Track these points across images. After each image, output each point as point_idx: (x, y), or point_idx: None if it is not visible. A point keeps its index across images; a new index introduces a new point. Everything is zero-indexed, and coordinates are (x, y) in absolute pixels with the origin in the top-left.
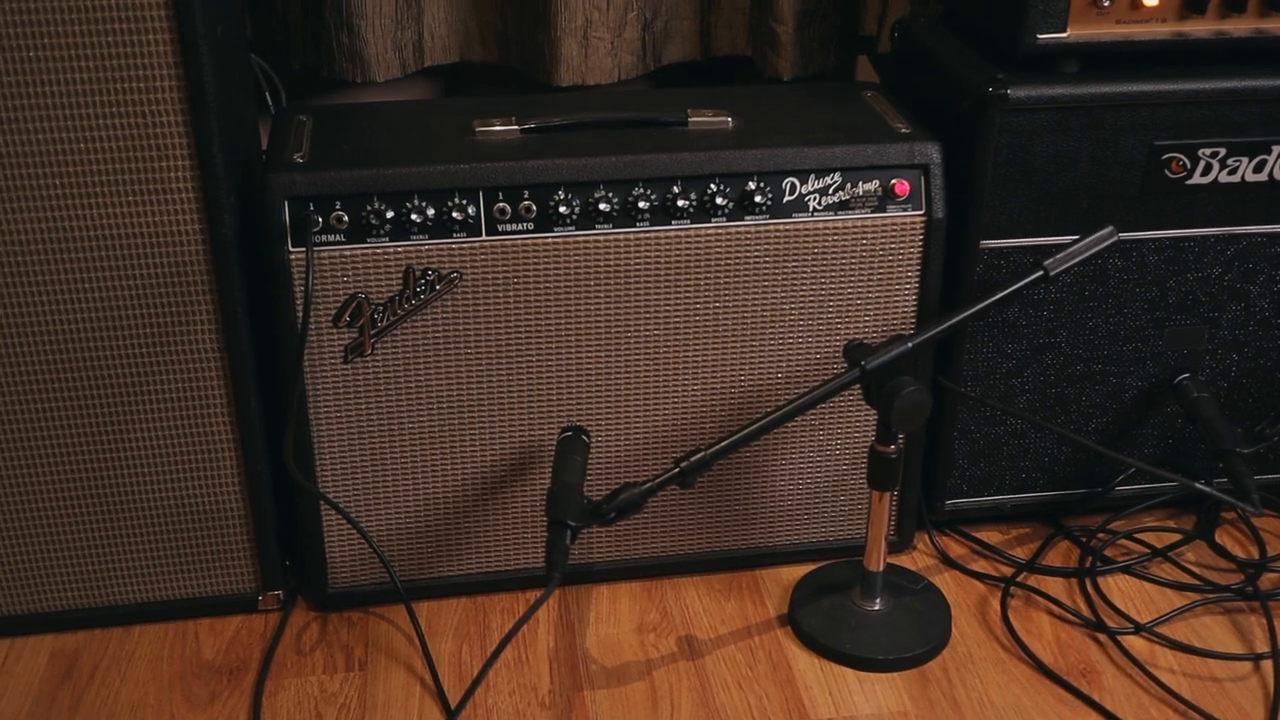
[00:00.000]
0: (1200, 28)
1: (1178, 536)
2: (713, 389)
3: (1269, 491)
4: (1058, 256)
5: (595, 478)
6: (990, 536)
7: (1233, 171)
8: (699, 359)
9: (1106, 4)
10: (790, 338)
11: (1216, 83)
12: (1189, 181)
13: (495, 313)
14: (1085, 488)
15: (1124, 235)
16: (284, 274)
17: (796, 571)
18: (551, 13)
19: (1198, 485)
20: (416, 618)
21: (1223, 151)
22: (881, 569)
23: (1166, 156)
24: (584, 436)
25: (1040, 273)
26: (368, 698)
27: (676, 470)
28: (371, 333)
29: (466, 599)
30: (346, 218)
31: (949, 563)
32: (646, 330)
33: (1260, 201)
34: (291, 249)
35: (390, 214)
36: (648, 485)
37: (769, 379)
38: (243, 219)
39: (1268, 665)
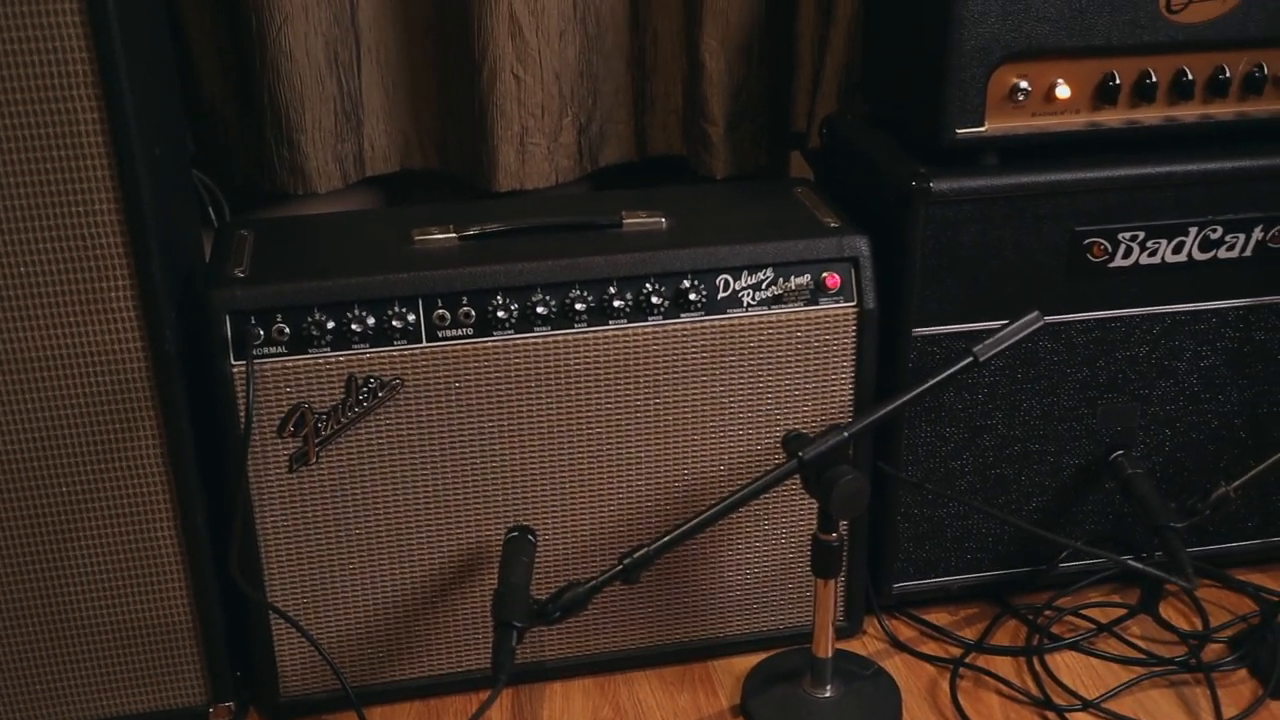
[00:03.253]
0: (1112, 117)
1: (1122, 611)
2: (656, 484)
3: (1207, 562)
4: (987, 342)
5: (543, 576)
6: (939, 618)
7: (1152, 253)
8: (641, 455)
9: (1022, 98)
10: (730, 431)
11: (1131, 169)
12: (1111, 264)
13: (438, 417)
14: (1030, 566)
15: (1051, 318)
16: (227, 387)
17: (748, 661)
18: (489, 121)
19: (1130, 562)
20: None
21: (1142, 235)
22: (830, 655)
23: (1088, 241)
24: (530, 536)
25: (970, 359)
26: None
27: (620, 567)
28: (316, 441)
29: (419, 702)
30: (288, 329)
31: (898, 646)
32: (588, 429)
33: (1181, 281)
34: (234, 362)
35: (331, 324)
36: (592, 583)
37: (711, 472)
38: (185, 333)
39: None
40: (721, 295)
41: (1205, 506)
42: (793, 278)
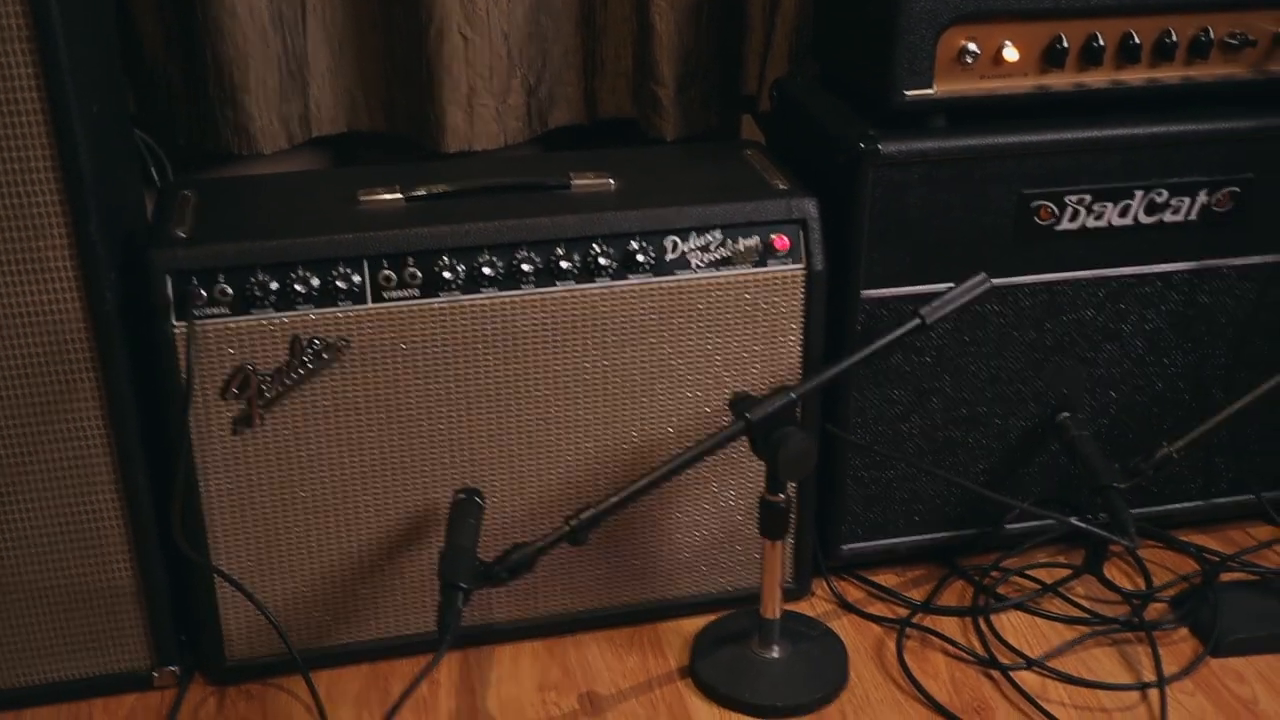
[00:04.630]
0: (1060, 80)
1: (1067, 572)
2: (604, 446)
3: (1150, 524)
4: (933, 304)
5: (491, 538)
6: (887, 579)
7: (1099, 216)
8: (589, 417)
9: (970, 60)
10: (678, 392)
11: (1078, 132)
12: (1058, 228)
13: (384, 379)
14: (977, 528)
15: (998, 281)
16: (168, 348)
17: (697, 623)
18: (435, 82)
19: (1074, 521)
20: (315, 687)
21: (1088, 198)
22: (778, 617)
23: (1035, 204)
24: (477, 499)
25: (917, 321)
26: None
27: (567, 529)
28: (259, 404)
29: (367, 666)
30: (230, 290)
31: (846, 607)
32: (535, 390)
33: (1127, 244)
34: (175, 323)
35: (275, 285)
36: (539, 545)
37: (659, 434)
38: (126, 294)
39: (1154, 694)
40: (670, 257)
41: (1148, 467)
42: (741, 240)
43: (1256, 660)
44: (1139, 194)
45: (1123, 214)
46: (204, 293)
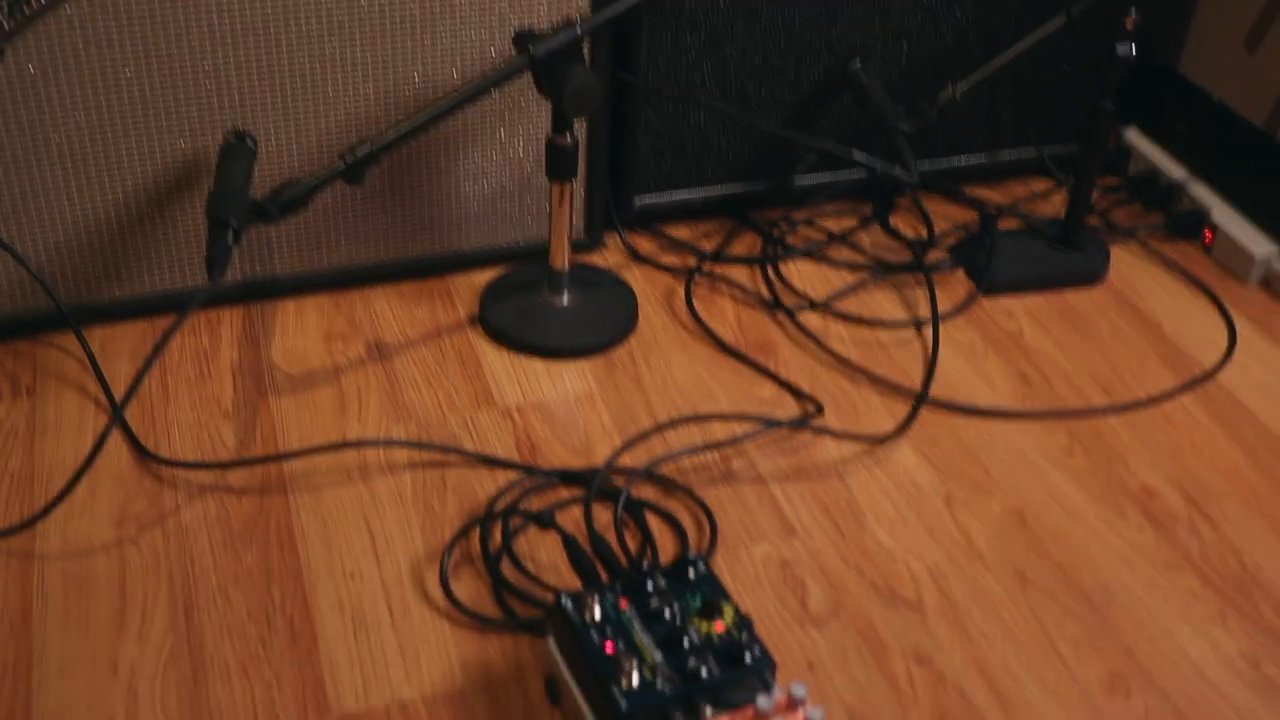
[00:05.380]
0: None
1: (854, 221)
2: (384, 88)
3: (937, 177)
4: None
5: (267, 187)
6: (679, 232)
7: None
8: (367, 57)
9: None
10: (461, 33)
11: None
12: None
13: (137, 10)
14: (768, 180)
15: None
16: None
17: (488, 275)
18: None
19: (857, 156)
20: (87, 341)
21: None
22: (567, 266)
23: None
24: (249, 141)
25: None
26: (37, 422)
27: (342, 164)
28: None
29: (143, 321)
30: None
31: (638, 259)
32: (307, 27)
33: None
34: None
35: None
36: (312, 181)
37: (442, 76)
38: None
39: (929, 330)
40: None
41: (933, 110)
42: None
43: (1025, 298)
44: None
45: None
46: None
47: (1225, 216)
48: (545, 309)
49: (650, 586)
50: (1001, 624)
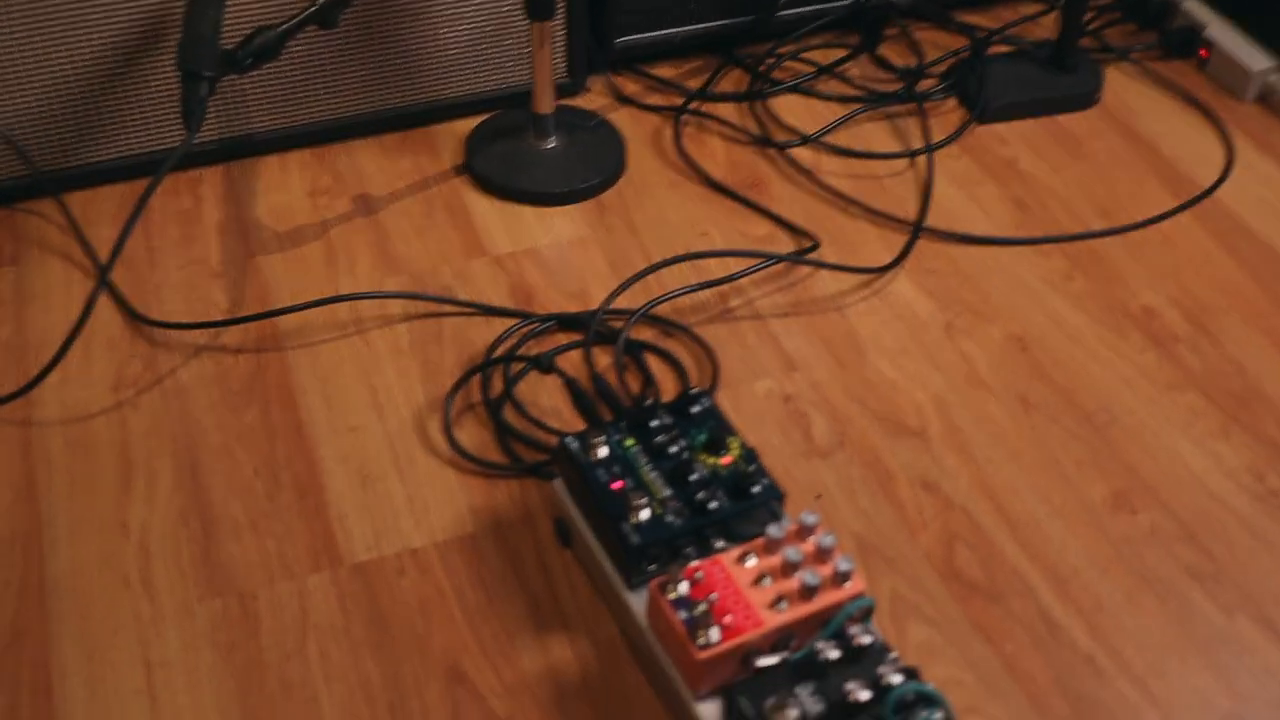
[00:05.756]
0: None
1: (843, 53)
2: None
3: (924, 3)
4: None
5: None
6: (664, 72)
7: None
8: None
9: None
10: None
11: None
12: None
13: None
14: (753, 13)
15: None
16: None
17: (471, 123)
18: None
19: None
20: (68, 207)
21: None
22: (552, 109)
23: None
24: None
25: None
26: (24, 289)
27: (313, 7)
28: None
29: (124, 185)
30: None
31: (623, 100)
32: None
33: None
34: None
35: None
36: (285, 26)
37: None
38: None
39: (923, 160)
40: None
41: None
42: None
43: (1019, 125)
44: None
45: None
46: None
47: (1220, 32)
48: (531, 153)
49: (655, 423)
50: (1006, 448)
